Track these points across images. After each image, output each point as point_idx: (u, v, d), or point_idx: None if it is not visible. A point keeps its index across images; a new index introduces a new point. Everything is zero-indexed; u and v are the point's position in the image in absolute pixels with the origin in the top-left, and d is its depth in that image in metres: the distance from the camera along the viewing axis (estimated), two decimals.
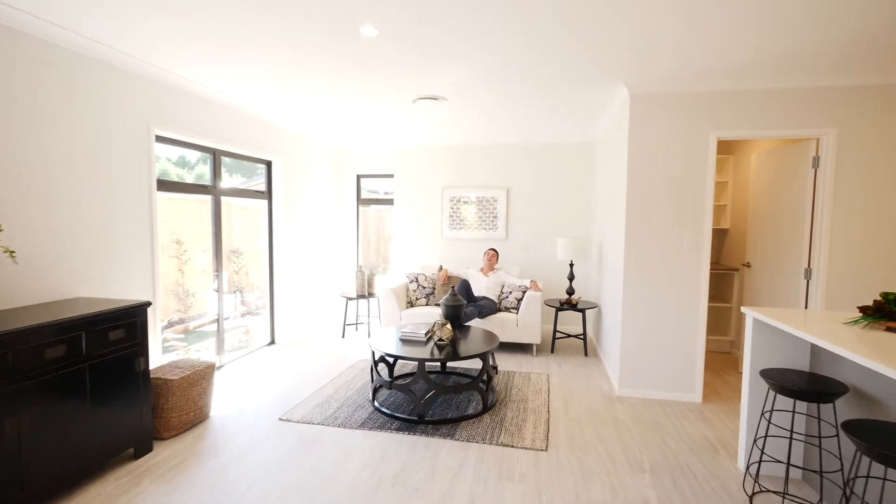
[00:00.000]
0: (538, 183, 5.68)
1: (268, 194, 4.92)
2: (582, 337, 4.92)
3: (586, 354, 4.73)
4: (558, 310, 4.81)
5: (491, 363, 3.55)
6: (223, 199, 4.27)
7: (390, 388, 3.21)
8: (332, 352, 4.78)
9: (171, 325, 3.87)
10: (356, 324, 5.64)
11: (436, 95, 3.85)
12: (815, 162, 3.34)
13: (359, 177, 6.31)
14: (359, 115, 4.55)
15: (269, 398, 3.50)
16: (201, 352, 4.17)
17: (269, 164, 4.91)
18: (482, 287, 5.02)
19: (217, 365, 4.22)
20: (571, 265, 4.90)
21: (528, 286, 4.85)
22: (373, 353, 3.47)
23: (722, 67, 3.03)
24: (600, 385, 3.87)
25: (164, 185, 3.55)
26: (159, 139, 3.47)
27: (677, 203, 3.46)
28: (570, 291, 4.85)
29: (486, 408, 3.27)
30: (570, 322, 5.68)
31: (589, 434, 2.98)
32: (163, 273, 3.68)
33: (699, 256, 3.45)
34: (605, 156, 4.68)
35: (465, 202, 5.86)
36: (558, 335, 5.29)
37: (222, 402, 3.40)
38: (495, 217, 5.79)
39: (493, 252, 5.13)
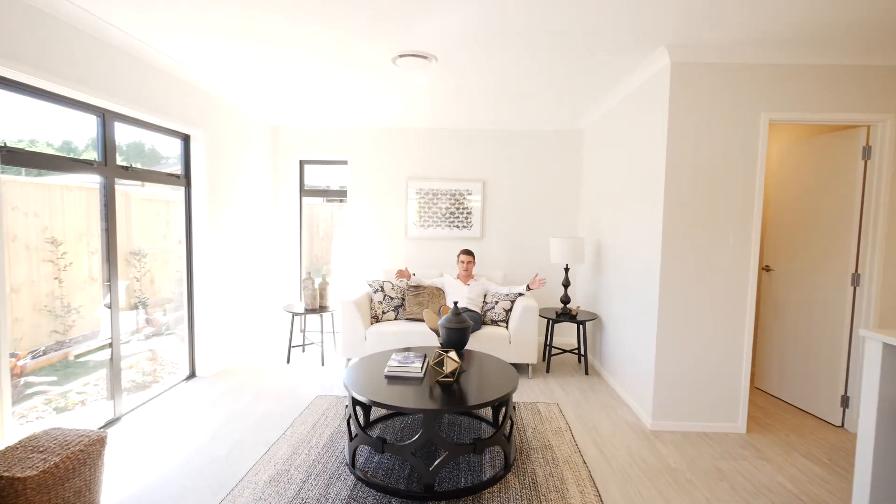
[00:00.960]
0: (518, 175, 4.97)
1: (185, 179, 3.69)
2: (579, 352, 4.29)
3: (587, 373, 4.09)
4: (553, 321, 4.13)
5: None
6: (119, 185, 3.02)
7: (382, 452, 2.27)
8: (277, 385, 3.68)
9: (42, 353, 2.60)
10: (303, 345, 4.54)
11: (424, 52, 2.96)
12: (866, 153, 2.94)
13: (303, 163, 5.18)
14: (312, 81, 3.50)
15: (193, 472, 2.40)
16: (87, 397, 2.91)
17: (186, 140, 3.68)
18: (463, 297, 4.20)
19: (111, 418, 2.98)
20: (567, 269, 4.24)
21: (523, 291, 4.11)
22: (351, 398, 2.50)
23: (784, 36, 2.48)
24: (623, 415, 3.22)
25: (17, 156, 2.31)
26: (2, 83, 2.22)
27: (722, 195, 2.89)
28: (566, 300, 4.19)
29: (508, 465, 2.45)
30: (559, 334, 5.04)
31: (651, 495, 2.28)
32: (29, 282, 2.45)
33: (746, 259, 2.91)
34: (604, 144, 4.07)
35: (434, 196, 4.99)
36: (554, 351, 4.63)
37: (118, 491, 2.25)
38: (469, 213, 4.99)
39: (469, 257, 4.31)
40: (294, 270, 5.16)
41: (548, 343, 4.27)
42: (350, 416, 2.47)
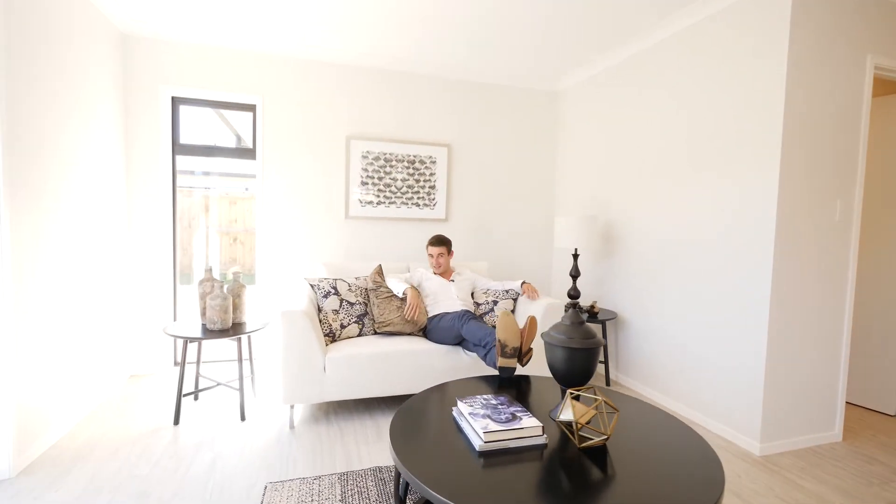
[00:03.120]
0: (490, 140, 3.97)
1: None
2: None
3: (608, 384, 3.31)
4: None
5: None
6: None
7: None
8: (174, 474, 2.00)
9: None
10: (196, 391, 2.80)
11: None
12: None
13: (177, 101, 3.33)
14: None
15: None
16: None
17: None
18: (451, 298, 3.03)
19: None
20: (576, 256, 3.39)
21: (519, 290, 3.13)
22: None
23: None
24: (712, 441, 2.49)
25: None
26: None
27: (826, 158, 2.35)
28: (575, 293, 3.35)
29: None
30: None
31: None
32: None
33: (846, 238, 2.42)
34: (617, 102, 3.35)
35: (386, 162, 3.67)
36: None
37: None
38: (432, 187, 3.81)
39: (441, 249, 3.10)
40: (165, 270, 3.28)
41: None
42: None
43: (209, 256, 3.73)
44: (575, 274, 3.37)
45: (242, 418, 2.56)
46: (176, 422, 2.48)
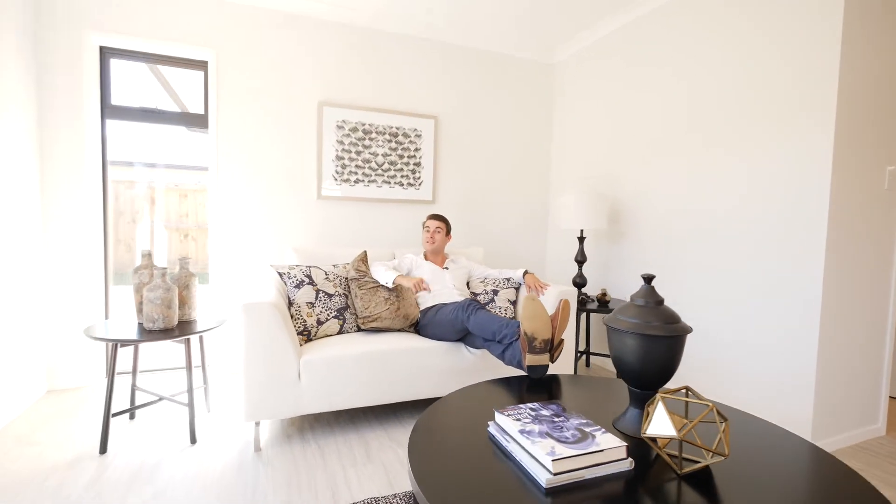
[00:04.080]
0: (482, 114, 3.57)
1: None
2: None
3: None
4: (588, 312, 2.84)
5: None
6: None
7: None
8: None
9: None
10: (132, 408, 2.24)
11: None
12: None
13: (107, 53, 2.73)
14: None
15: None
16: None
17: None
18: (446, 287, 2.61)
19: None
20: (582, 239, 3.04)
21: (521, 279, 2.74)
22: None
23: None
24: None
25: None
26: None
27: (880, 122, 2.09)
28: (581, 282, 3.00)
29: None
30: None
31: None
32: None
33: (891, 210, 2.18)
34: (608, 73, 3.03)
35: (365, 134, 3.19)
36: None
37: None
38: (417, 164, 3.36)
39: (439, 223, 2.74)
40: (94, 265, 2.67)
41: (587, 348, 3.02)
42: None
43: (154, 253, 3.13)
44: (581, 259, 3.02)
45: (193, 440, 2.03)
46: (102, 449, 1.92)
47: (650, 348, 1.17)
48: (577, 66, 3.50)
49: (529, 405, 1.22)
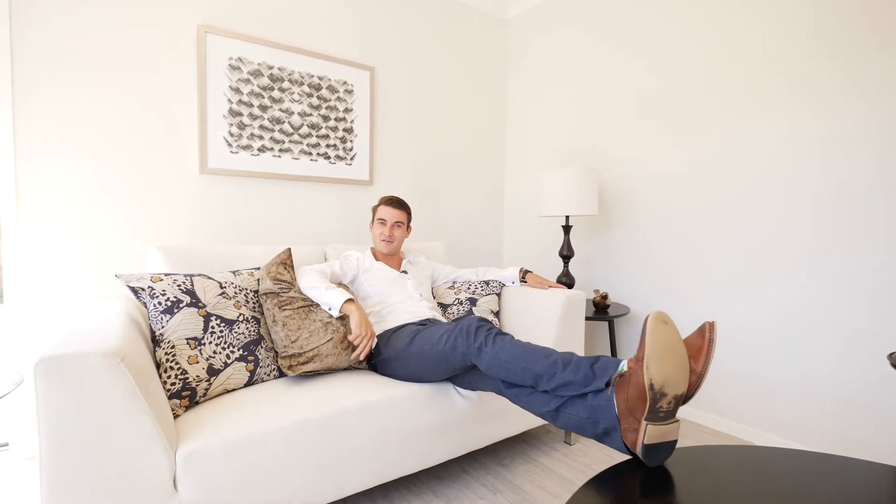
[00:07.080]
0: (431, 70, 2.78)
1: None
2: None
3: None
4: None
5: None
6: None
7: None
8: None
9: None
10: None
11: None
12: None
13: None
14: None
15: None
16: None
17: None
18: (411, 299, 1.81)
19: None
20: (568, 228, 2.41)
21: (515, 279, 2.05)
22: None
23: None
24: None
25: None
26: None
27: None
28: (569, 282, 2.37)
29: None
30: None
31: None
32: None
33: None
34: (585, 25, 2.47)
35: (274, 82, 2.22)
36: None
37: None
38: (348, 130, 2.47)
39: (400, 213, 1.89)
40: None
41: None
42: None
43: None
44: (567, 254, 2.39)
45: None
46: None
47: None
48: (538, 19, 2.89)
49: None
